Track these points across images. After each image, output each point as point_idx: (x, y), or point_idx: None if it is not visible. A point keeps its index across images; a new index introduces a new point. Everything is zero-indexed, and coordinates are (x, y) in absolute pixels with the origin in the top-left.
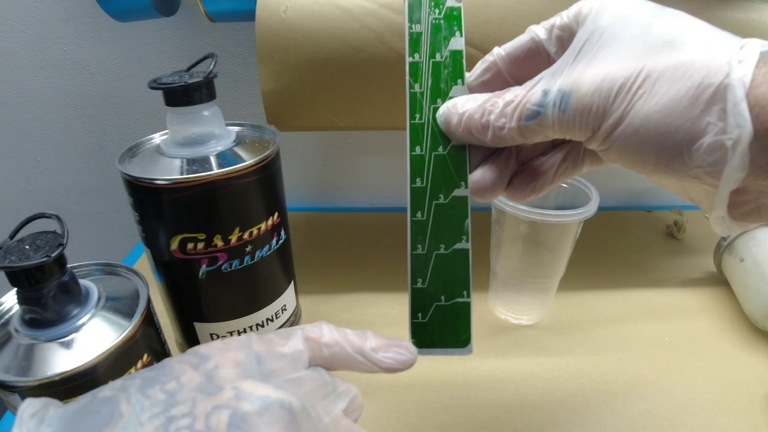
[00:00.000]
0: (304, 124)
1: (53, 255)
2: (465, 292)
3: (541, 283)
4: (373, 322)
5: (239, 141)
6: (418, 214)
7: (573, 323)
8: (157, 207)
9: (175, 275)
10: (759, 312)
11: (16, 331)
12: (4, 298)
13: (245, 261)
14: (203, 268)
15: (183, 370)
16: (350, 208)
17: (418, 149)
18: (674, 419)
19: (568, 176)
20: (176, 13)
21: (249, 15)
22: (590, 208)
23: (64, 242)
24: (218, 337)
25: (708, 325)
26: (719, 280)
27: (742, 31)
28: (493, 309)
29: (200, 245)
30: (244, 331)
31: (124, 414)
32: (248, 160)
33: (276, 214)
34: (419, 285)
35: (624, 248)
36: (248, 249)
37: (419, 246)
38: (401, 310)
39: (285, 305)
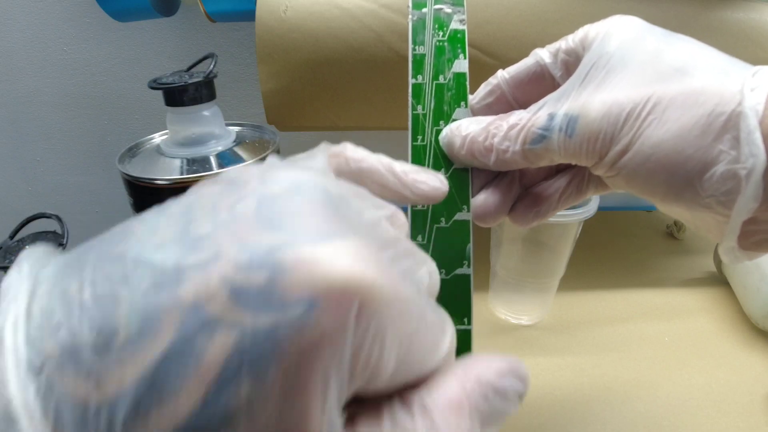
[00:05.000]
0: (304, 124)
1: None
2: (465, 319)
3: (541, 282)
4: None
5: (239, 141)
6: (419, 238)
7: (573, 323)
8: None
9: None
10: (759, 312)
11: None
12: None
13: None
14: None
15: (203, 186)
16: None
17: None
18: (674, 419)
19: (572, 202)
20: (176, 13)
21: (249, 15)
22: (590, 208)
23: (65, 242)
24: None
25: (708, 325)
26: (719, 280)
27: (742, 31)
28: (493, 309)
29: None
30: None
31: (136, 231)
32: (248, 160)
33: None
34: None
35: (624, 248)
36: None
37: None
38: None
39: None
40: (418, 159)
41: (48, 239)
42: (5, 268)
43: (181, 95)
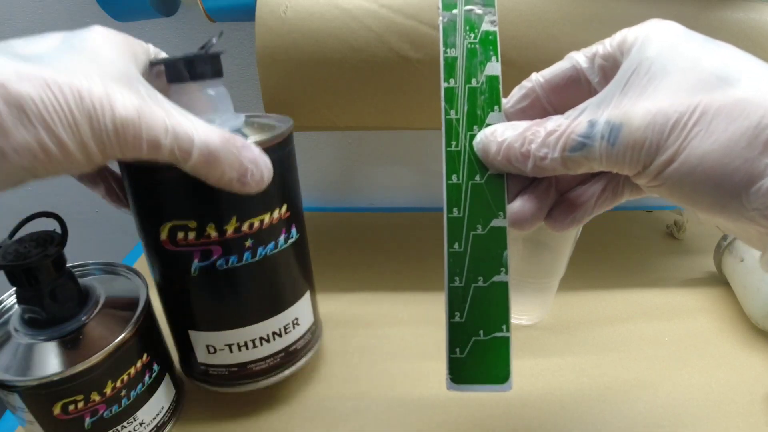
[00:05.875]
0: (304, 124)
1: (52, 254)
2: (504, 327)
3: (542, 283)
4: (380, 322)
5: (249, 123)
6: (456, 246)
7: (573, 323)
8: (149, 189)
9: (165, 272)
10: (759, 312)
11: (16, 330)
12: (4, 297)
13: (244, 258)
14: (195, 263)
15: None
16: (351, 208)
17: (454, 178)
18: (674, 419)
19: (607, 206)
20: (176, 13)
21: (249, 15)
22: None
23: (64, 242)
24: (215, 350)
25: (708, 325)
26: (719, 280)
27: (742, 31)
28: None
29: (191, 234)
30: (245, 345)
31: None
32: (252, 135)
33: (285, 207)
34: (457, 319)
35: (624, 248)
36: (248, 244)
37: (456, 278)
38: (408, 310)
39: (297, 318)
40: (452, 165)
41: (48, 239)
42: (5, 268)
43: (184, 69)
